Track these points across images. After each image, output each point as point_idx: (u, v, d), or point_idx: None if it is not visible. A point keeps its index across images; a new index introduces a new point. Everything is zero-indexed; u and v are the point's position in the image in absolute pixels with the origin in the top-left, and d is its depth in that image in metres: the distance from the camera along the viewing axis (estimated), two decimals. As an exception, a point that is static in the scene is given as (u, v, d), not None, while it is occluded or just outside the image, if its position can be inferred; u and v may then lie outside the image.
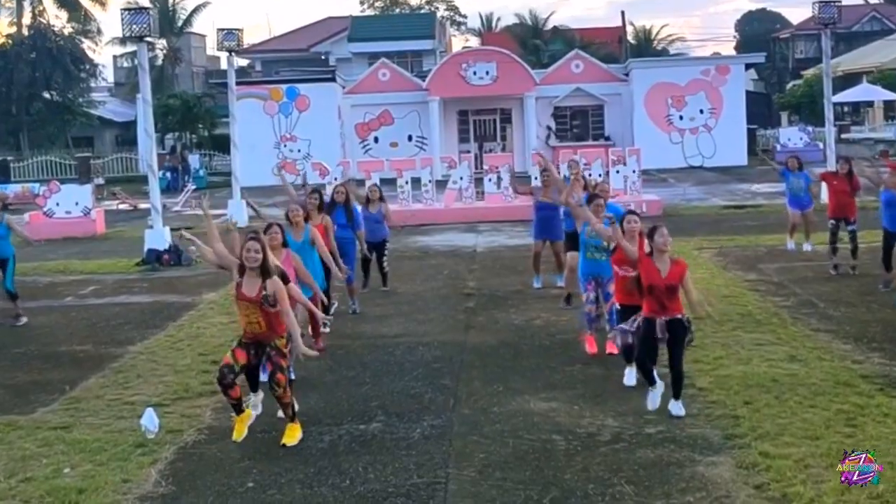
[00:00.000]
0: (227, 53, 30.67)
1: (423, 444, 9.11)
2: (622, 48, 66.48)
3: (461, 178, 28.96)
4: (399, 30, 63.10)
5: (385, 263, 17.00)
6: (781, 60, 77.74)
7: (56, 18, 63.30)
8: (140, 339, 14.09)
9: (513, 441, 9.09)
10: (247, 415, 9.44)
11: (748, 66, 54.53)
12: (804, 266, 17.96)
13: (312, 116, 47.13)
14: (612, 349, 11.60)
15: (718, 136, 47.10)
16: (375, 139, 48.77)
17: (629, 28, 72.85)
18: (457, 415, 10.00)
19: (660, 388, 9.66)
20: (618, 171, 28.24)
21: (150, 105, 23.71)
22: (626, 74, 48.81)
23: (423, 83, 48.12)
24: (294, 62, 61.67)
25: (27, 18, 61.94)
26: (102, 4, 63.93)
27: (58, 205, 29.20)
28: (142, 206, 34.11)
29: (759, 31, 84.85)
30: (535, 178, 24.67)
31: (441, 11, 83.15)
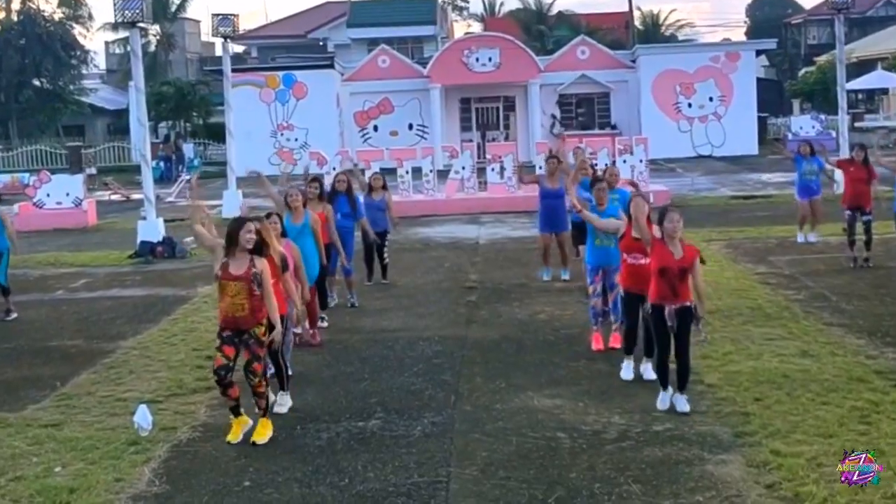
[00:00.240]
0: (223, 39, 30.63)
1: (424, 442, 9.10)
2: (629, 34, 66.36)
3: (463, 168, 28.95)
4: (399, 15, 63.00)
5: (385, 255, 17.01)
6: (793, 46, 77.64)
7: (46, 3, 63.60)
8: (133, 334, 14.08)
9: (516, 439, 9.09)
10: (244, 420, 9.42)
11: (759, 53, 54.45)
12: (816, 258, 17.94)
13: (310, 104, 47.09)
14: (616, 343, 11.59)
15: (728, 125, 47.06)
16: (375, 128, 48.74)
17: (636, 13, 72.73)
18: (458, 412, 9.99)
19: (671, 391, 9.67)
20: (624, 161, 28.18)
21: (143, 93, 23.66)
22: (634, 61, 48.76)
23: (424, 70, 48.07)
24: (291, 48, 61.62)
25: (16, 3, 61.94)
26: (94, -11, 63.93)
27: (48, 195, 29.18)
28: (134, 197, 34.08)
29: (771, 17, 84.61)
30: (540, 168, 24.64)
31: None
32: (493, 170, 28.75)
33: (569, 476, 8.14)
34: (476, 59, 47.23)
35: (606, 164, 16.78)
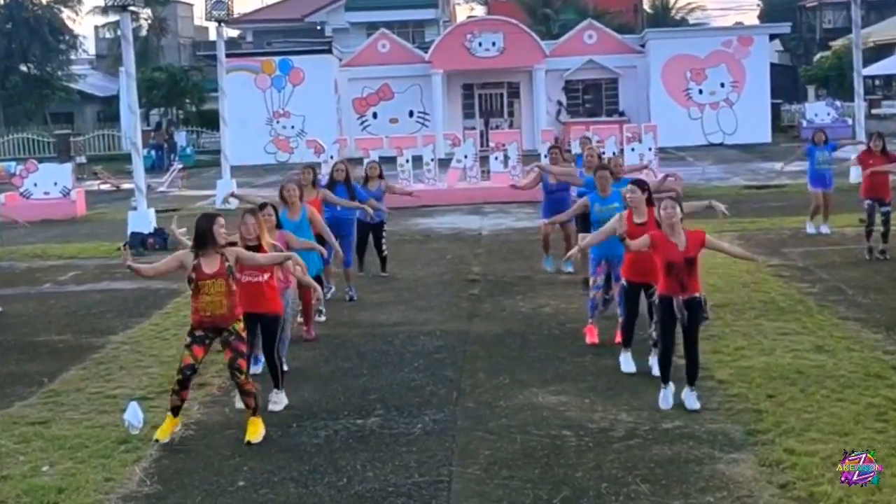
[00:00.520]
0: (217, 23, 30.62)
1: (425, 440, 9.10)
2: (638, 18, 66.34)
3: (465, 157, 28.91)
4: (400, -2, 62.98)
5: (384, 246, 16.98)
6: (808, 31, 77.50)
7: (34, -14, 63.26)
8: (123, 329, 14.08)
9: (520, 437, 9.09)
10: (177, 421, 9.38)
11: (773, 37, 54.33)
12: (831, 250, 17.92)
13: (307, 91, 47.07)
14: (619, 338, 11.56)
15: (740, 112, 47.03)
16: (374, 115, 48.73)
17: (645, -4, 72.68)
18: (460, 409, 9.99)
19: (671, 387, 9.65)
20: (633, 149, 28.16)
21: (134, 79, 23.64)
22: (643, 46, 48.72)
23: (426, 55, 48.04)
24: (288, 33, 61.58)
25: (3, -14, 61.93)
26: (83, -29, 63.93)
27: (35, 185, 29.17)
28: (125, 187, 34.08)
29: (785, 0, 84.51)
30: (545, 156, 24.60)
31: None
32: (497, 158, 28.73)
33: (575, 475, 8.14)
34: (479, 44, 47.19)
35: (614, 153, 16.70)
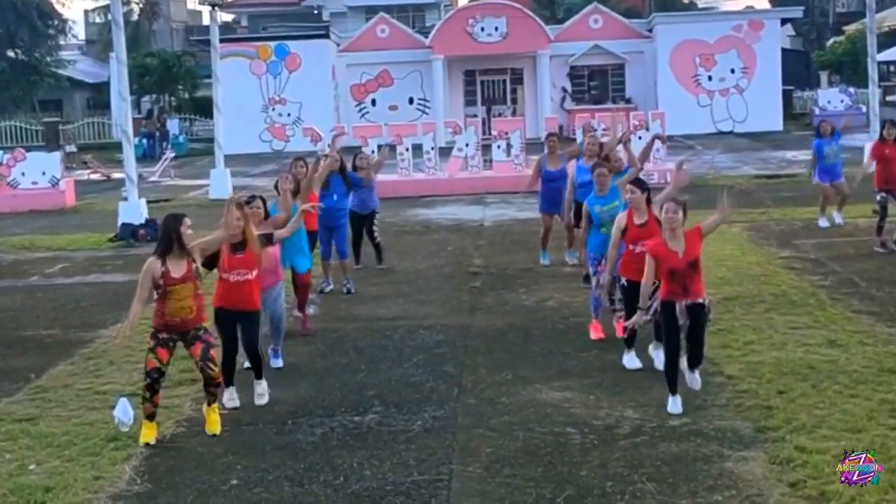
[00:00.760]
0: (210, 7, 30.64)
1: (424, 438, 9.10)
2: (645, 1, 66.22)
3: (467, 146, 28.85)
4: (399, -19, 62.99)
5: (376, 235, 16.95)
6: (821, 15, 77.36)
7: (21, -31, 63.20)
8: (113, 323, 14.04)
9: (523, 434, 9.09)
10: (155, 425, 9.37)
11: (784, 22, 54.27)
12: (844, 241, 17.90)
13: (304, 77, 47.01)
14: (620, 331, 11.50)
15: (751, 99, 46.95)
16: (373, 102, 48.67)
17: (653, -21, 72.55)
18: (461, 405, 9.99)
19: (679, 397, 9.58)
20: (640, 138, 28.01)
21: (125, 65, 23.61)
22: (650, 30, 48.64)
23: (426, 40, 47.99)
24: (284, 17, 61.64)
25: (-11, -31, 61.85)
26: (72, -46, 63.91)
27: (23, 175, 29.09)
28: (115, 176, 34.07)
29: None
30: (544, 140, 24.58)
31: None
32: (499, 147, 28.67)
33: (579, 474, 8.14)
34: (481, 29, 47.11)
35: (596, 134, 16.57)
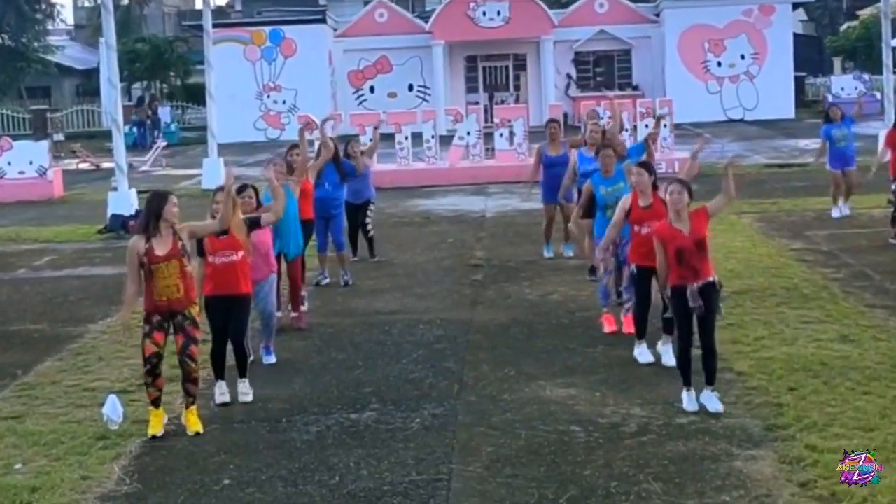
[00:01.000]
0: (202, -9, 30.52)
1: (423, 436, 9.10)
2: (653, -15, 66.11)
3: (468, 134, 28.84)
4: (399, -36, 62.85)
5: (369, 227, 16.92)
6: (834, -1, 77.36)
7: (7, -48, 63.13)
8: (102, 317, 14.09)
9: (525, 433, 9.08)
10: (163, 412, 9.45)
11: (796, 6, 54.20)
12: (857, 233, 17.90)
13: (299, 63, 46.97)
14: (631, 328, 11.51)
15: (762, 86, 46.92)
16: (371, 89, 48.65)
17: (661, -38, 72.48)
18: (462, 403, 9.99)
19: (694, 390, 9.57)
20: (647, 125, 28.07)
21: (115, 51, 23.59)
22: (657, 15, 48.60)
23: (426, 25, 47.93)
24: (279, 1, 61.39)
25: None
26: (60, -64, 63.83)
27: (9, 164, 29.09)
28: (105, 166, 34.08)
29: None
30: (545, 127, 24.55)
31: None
32: (502, 135, 28.66)
33: (583, 473, 8.13)
34: (483, 13, 47.05)
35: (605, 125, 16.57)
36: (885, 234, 17.18)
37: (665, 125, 25.70)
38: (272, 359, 11.50)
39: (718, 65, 47.34)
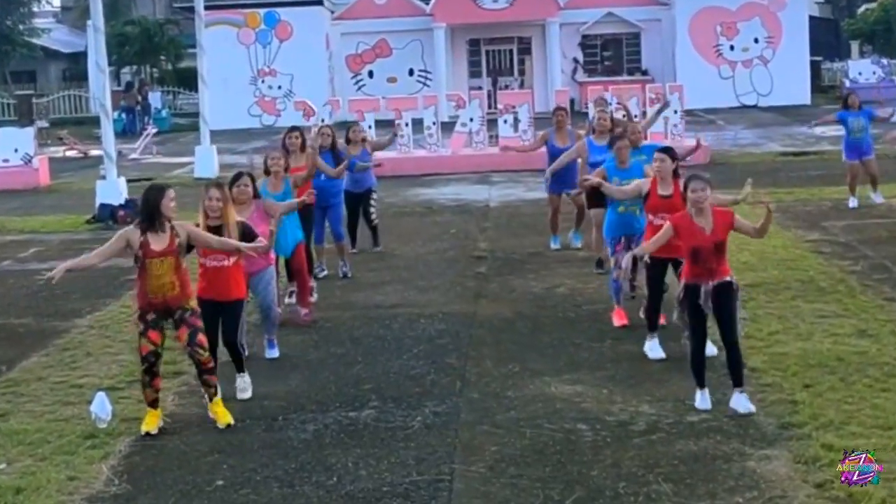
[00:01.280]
0: (194, -28, 30.47)
1: (425, 435, 9.11)
2: (663, -35, 66.03)
3: (471, 120, 28.82)
4: (399, -57, 62.76)
5: (373, 215, 16.89)
6: (852, -20, 77.27)
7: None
8: (90, 311, 14.10)
9: (530, 431, 9.09)
10: (160, 412, 9.48)
11: (812, -13, 54.25)
12: (877, 224, 17.89)
13: (295, 47, 46.93)
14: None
15: (776, 70, 46.85)
16: (370, 73, 48.64)
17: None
18: (464, 400, 9.99)
19: (707, 390, 9.54)
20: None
21: (103, 33, 23.57)
22: (668, -4, 48.59)
23: (427, 7, 47.88)
24: (274, -18, 61.38)
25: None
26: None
27: (-6, 152, 29.16)
28: (93, 153, 34.06)
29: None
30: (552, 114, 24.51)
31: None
32: (506, 122, 28.61)
33: (590, 474, 8.14)
34: (486, -5, 47.08)
35: (635, 115, 16.56)
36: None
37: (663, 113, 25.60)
38: (275, 352, 11.48)
39: (731, 49, 47.27)
